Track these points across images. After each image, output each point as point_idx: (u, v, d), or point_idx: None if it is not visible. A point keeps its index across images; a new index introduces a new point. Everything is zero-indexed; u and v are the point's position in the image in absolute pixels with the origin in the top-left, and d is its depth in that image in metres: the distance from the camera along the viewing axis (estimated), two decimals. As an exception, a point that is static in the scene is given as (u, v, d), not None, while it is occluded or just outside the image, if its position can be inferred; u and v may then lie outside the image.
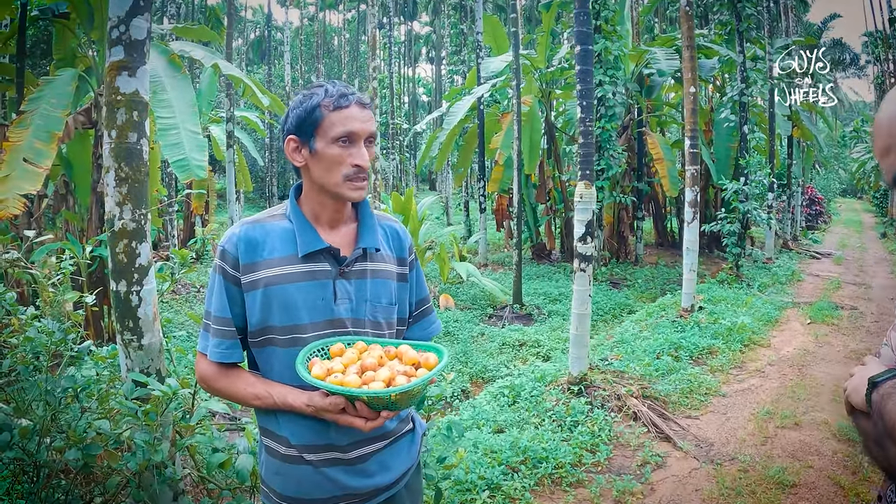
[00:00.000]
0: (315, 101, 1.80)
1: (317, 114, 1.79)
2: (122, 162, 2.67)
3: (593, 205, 6.10)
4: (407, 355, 1.78)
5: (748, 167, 13.00)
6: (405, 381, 1.67)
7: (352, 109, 1.80)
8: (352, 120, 1.79)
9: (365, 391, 1.63)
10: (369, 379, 1.68)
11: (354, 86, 34.51)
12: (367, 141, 1.84)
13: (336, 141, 1.79)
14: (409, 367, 1.74)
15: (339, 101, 1.79)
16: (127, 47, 2.67)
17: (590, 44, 6.16)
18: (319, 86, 1.85)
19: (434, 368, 1.73)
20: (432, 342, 1.92)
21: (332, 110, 1.79)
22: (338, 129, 1.78)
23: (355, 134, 1.80)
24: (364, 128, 1.81)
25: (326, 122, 1.79)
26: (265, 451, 1.93)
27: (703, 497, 4.47)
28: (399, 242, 2.02)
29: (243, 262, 1.82)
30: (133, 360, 2.73)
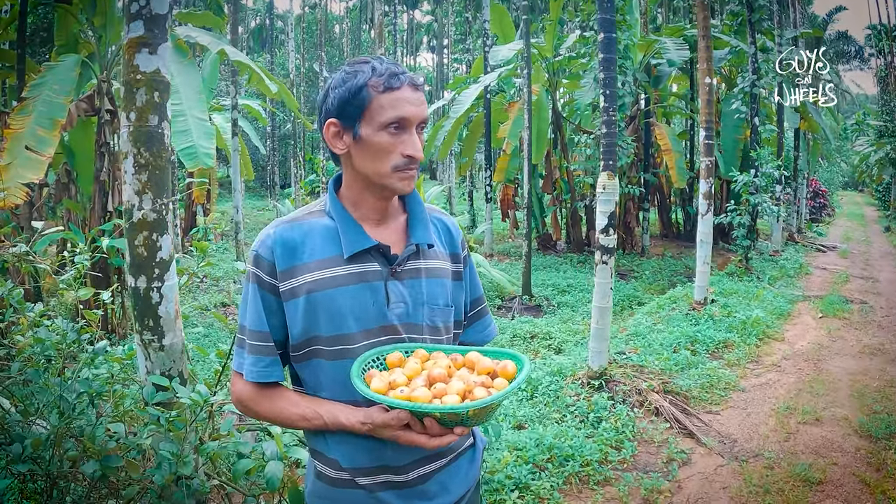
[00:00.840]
0: (361, 80, 1.56)
1: (363, 95, 1.56)
2: (141, 147, 2.45)
3: (616, 196, 5.93)
4: (480, 364, 1.57)
5: (759, 159, 12.83)
6: (484, 393, 1.45)
7: (403, 91, 1.57)
8: (403, 103, 1.57)
9: (440, 406, 1.41)
10: (441, 392, 1.47)
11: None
12: (418, 127, 1.62)
13: (385, 127, 1.56)
14: (484, 377, 1.53)
15: (389, 80, 1.56)
16: (147, 22, 2.45)
17: (613, 31, 5.96)
18: (365, 62, 1.61)
19: (515, 378, 1.53)
20: (507, 349, 1.69)
21: (381, 91, 1.55)
22: (388, 114, 1.56)
23: (407, 119, 1.57)
24: (417, 112, 1.59)
25: (375, 105, 1.56)
26: (314, 473, 1.73)
27: (732, 495, 4.37)
28: (451, 237, 1.81)
29: (281, 267, 1.60)
30: (154, 361, 2.52)
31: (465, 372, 1.57)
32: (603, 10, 5.96)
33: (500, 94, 17.77)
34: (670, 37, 15.41)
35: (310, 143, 30.75)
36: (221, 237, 17.54)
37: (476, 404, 1.39)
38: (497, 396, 1.43)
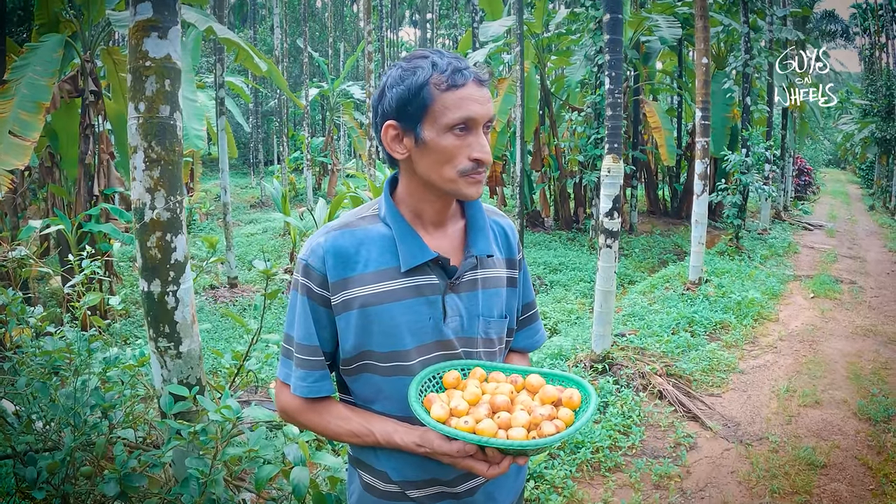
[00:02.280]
0: (422, 77, 1.43)
1: (425, 94, 1.43)
2: (152, 140, 2.28)
3: (621, 179, 5.84)
4: (545, 392, 1.48)
5: (750, 139, 12.80)
6: (553, 429, 1.36)
7: (469, 88, 1.44)
8: (469, 102, 1.43)
9: (508, 442, 1.32)
10: (505, 423, 1.38)
11: (340, 50, 33.96)
12: (485, 127, 1.49)
13: (451, 129, 1.44)
14: (549, 407, 1.43)
15: (453, 77, 1.42)
16: (156, 4, 2.26)
17: (620, 12, 5.79)
18: (424, 57, 1.47)
19: (585, 411, 1.43)
20: (570, 374, 1.60)
21: (444, 90, 1.42)
22: (453, 115, 1.43)
23: (474, 120, 1.45)
24: (484, 111, 1.46)
25: (438, 106, 1.43)
26: (360, 486, 1.65)
27: (740, 479, 4.39)
28: (508, 242, 1.71)
29: (333, 279, 1.50)
30: (170, 369, 2.38)
31: (527, 397, 1.49)
32: (610, -11, 5.81)
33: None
34: (662, 14, 15.26)
35: (292, 119, 30.43)
36: (206, 217, 17.32)
37: (545, 442, 1.31)
38: (565, 434, 1.34)
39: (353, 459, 1.68)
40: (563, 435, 1.34)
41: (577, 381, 1.52)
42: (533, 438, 1.35)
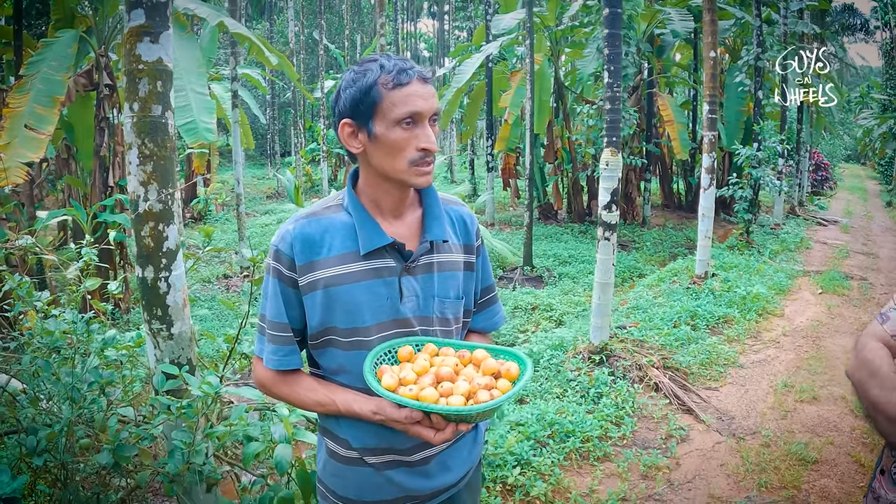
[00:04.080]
0: (371, 78, 1.60)
1: (374, 93, 1.60)
2: (145, 137, 2.45)
3: (619, 172, 5.93)
4: (486, 364, 1.64)
5: (762, 133, 12.79)
6: (487, 396, 1.53)
7: (413, 86, 1.60)
8: (414, 98, 1.60)
9: (445, 408, 1.49)
10: (447, 391, 1.55)
11: (357, 42, 34.11)
12: (431, 119, 1.65)
13: (399, 123, 1.60)
14: (488, 378, 1.59)
15: (398, 77, 1.59)
16: (148, 10, 2.42)
17: (619, 6, 5.90)
18: (373, 60, 1.65)
19: (518, 382, 1.60)
20: (513, 349, 1.76)
21: (391, 88, 1.59)
22: (400, 110, 1.59)
23: (420, 113, 1.61)
24: (428, 105, 1.62)
25: (386, 103, 1.60)
26: (325, 452, 1.83)
27: (728, 472, 4.46)
28: (466, 228, 1.86)
29: (300, 262, 1.66)
30: (163, 350, 2.56)
31: (472, 370, 1.64)
32: (608, -16, 5.89)
33: (501, 62, 17.64)
34: (675, 7, 15.25)
35: (309, 111, 30.63)
36: (223, 207, 17.54)
37: (478, 408, 1.47)
38: (498, 401, 1.50)
39: (320, 428, 1.84)
40: (495, 402, 1.49)
41: (517, 355, 1.68)
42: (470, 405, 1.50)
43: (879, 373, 1.48)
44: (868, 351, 1.56)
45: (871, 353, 1.54)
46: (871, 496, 1.63)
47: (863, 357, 1.57)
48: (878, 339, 1.60)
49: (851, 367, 1.58)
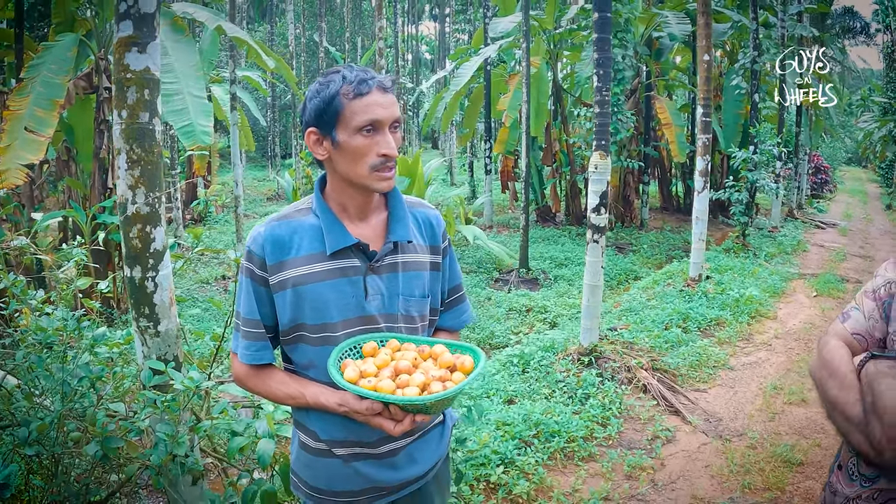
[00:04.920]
0: (333, 89, 1.70)
1: (336, 103, 1.69)
2: (133, 143, 2.55)
3: (608, 175, 6.00)
4: (442, 358, 1.74)
5: (758, 136, 12.87)
6: (440, 387, 1.63)
7: (373, 95, 1.70)
8: (374, 107, 1.69)
9: (399, 398, 1.59)
10: (404, 383, 1.65)
11: (357, 44, 34.21)
12: (391, 127, 1.74)
13: (359, 131, 1.69)
14: (444, 371, 1.69)
15: (358, 87, 1.69)
16: (136, 22, 2.52)
17: (608, 11, 5.97)
18: (336, 72, 1.74)
19: (470, 375, 1.69)
20: (468, 343, 1.85)
21: (352, 98, 1.69)
22: (360, 118, 1.68)
23: (379, 121, 1.70)
24: (388, 114, 1.72)
25: (347, 112, 1.69)
26: (297, 443, 1.92)
27: (713, 473, 4.50)
28: (432, 230, 1.95)
29: (270, 262, 1.76)
30: (150, 347, 2.66)
31: (430, 363, 1.73)
32: (599, -11, 5.97)
33: (500, 65, 17.72)
34: (672, 10, 15.33)
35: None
36: (223, 209, 17.64)
37: (431, 398, 1.57)
38: (451, 392, 1.59)
39: (294, 421, 1.94)
40: (446, 393, 1.58)
41: (472, 349, 1.78)
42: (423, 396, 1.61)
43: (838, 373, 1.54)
44: (828, 350, 1.62)
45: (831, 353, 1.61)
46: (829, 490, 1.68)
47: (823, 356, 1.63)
48: (839, 338, 1.66)
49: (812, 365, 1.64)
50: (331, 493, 1.86)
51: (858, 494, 1.53)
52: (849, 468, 1.59)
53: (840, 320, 1.70)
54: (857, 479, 1.55)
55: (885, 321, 1.61)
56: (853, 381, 1.50)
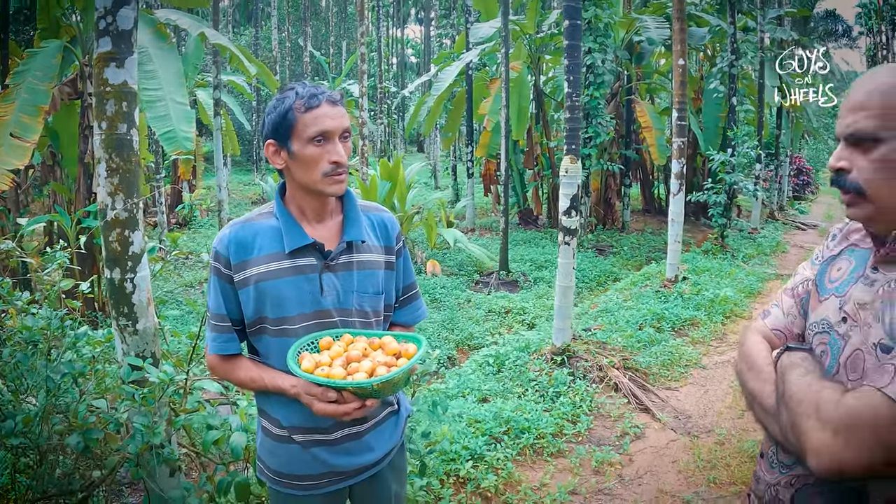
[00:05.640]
0: (287, 104, 1.87)
1: (290, 117, 1.86)
2: (112, 153, 2.71)
3: (578, 179, 6.17)
4: (388, 346, 1.91)
5: (735, 139, 13.08)
6: (385, 371, 1.80)
7: (323, 108, 1.87)
8: (324, 119, 1.86)
9: (348, 382, 1.75)
10: (354, 370, 1.81)
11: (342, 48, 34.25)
12: (341, 137, 1.91)
13: (311, 141, 1.86)
14: (390, 357, 1.87)
15: (309, 101, 1.86)
16: (115, 38, 2.68)
17: (578, 18, 6.16)
18: (290, 88, 1.92)
19: (412, 358, 1.86)
20: (413, 332, 2.05)
21: (303, 112, 1.85)
22: (311, 130, 1.85)
23: (329, 132, 1.87)
24: (337, 125, 1.88)
25: (300, 124, 1.86)
26: (261, 431, 2.08)
27: (680, 468, 4.63)
28: (386, 231, 2.11)
29: (234, 261, 1.92)
30: (129, 344, 2.81)
31: (380, 353, 1.90)
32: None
33: (482, 69, 17.88)
34: (652, 15, 15.54)
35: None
36: (207, 212, 17.69)
37: (378, 380, 1.74)
38: (395, 373, 1.77)
39: (258, 409, 2.10)
40: (390, 375, 1.76)
41: (415, 337, 1.96)
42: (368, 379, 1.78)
43: (755, 366, 1.64)
44: (748, 346, 1.72)
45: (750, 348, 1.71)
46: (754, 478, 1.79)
47: (743, 351, 1.74)
48: (759, 334, 1.76)
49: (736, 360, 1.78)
50: (293, 478, 2.01)
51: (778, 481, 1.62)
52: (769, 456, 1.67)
53: (761, 317, 1.81)
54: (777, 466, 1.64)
55: (803, 316, 1.71)
56: (770, 374, 1.60)
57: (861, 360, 1.42)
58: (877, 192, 1.40)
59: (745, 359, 1.69)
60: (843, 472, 1.30)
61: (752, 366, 1.65)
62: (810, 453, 1.34)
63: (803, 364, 1.50)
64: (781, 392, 1.49)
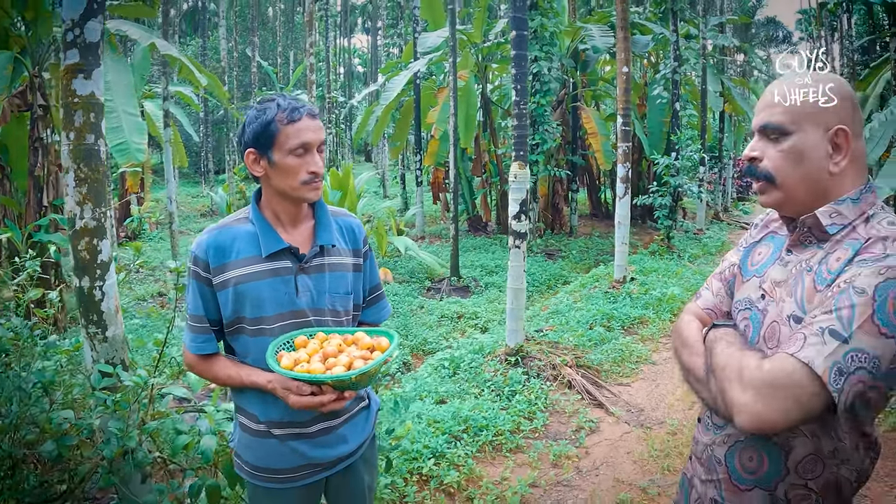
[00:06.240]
0: (269, 115, 1.97)
1: (272, 128, 1.96)
2: (80, 163, 2.77)
3: (527, 184, 6.33)
4: (362, 341, 2.02)
5: (679, 143, 13.45)
6: (362, 363, 1.91)
7: (304, 121, 1.98)
8: (305, 131, 1.97)
9: (329, 376, 1.86)
10: (332, 365, 1.91)
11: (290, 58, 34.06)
12: (318, 148, 2.03)
13: (292, 152, 1.97)
14: (365, 351, 1.98)
15: (291, 114, 1.96)
16: (82, 50, 2.75)
17: (525, 29, 6.33)
18: (271, 100, 2.02)
19: (387, 350, 1.98)
20: (383, 327, 2.17)
21: (285, 124, 1.96)
22: (293, 142, 1.96)
23: (309, 144, 1.98)
24: (316, 137, 2.00)
25: (282, 136, 1.96)
26: (238, 427, 2.17)
27: (635, 459, 4.80)
28: (354, 236, 2.23)
29: (213, 265, 2.01)
30: (98, 351, 2.87)
31: (354, 348, 2.01)
32: (516, 8, 6.30)
33: (430, 78, 18.02)
34: (597, 24, 15.87)
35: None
36: (157, 225, 17.46)
37: (356, 372, 1.86)
38: (372, 364, 1.89)
39: (235, 406, 2.20)
40: (367, 367, 1.87)
41: (386, 332, 2.08)
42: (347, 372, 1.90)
43: (688, 342, 1.83)
44: (682, 324, 1.92)
45: (683, 326, 1.90)
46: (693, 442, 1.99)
47: (677, 330, 1.93)
48: (691, 314, 1.95)
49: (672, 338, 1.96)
50: (271, 471, 2.11)
51: (713, 441, 1.81)
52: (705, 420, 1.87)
53: (694, 300, 2.02)
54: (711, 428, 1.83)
55: (730, 296, 1.90)
56: (700, 349, 1.78)
57: (777, 331, 1.63)
58: (784, 178, 1.64)
59: (679, 336, 1.89)
60: (763, 427, 1.49)
61: (685, 342, 1.84)
62: (735, 413, 1.53)
63: (727, 337, 1.70)
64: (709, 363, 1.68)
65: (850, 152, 1.62)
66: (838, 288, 1.50)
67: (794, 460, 1.65)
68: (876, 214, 1.61)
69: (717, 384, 1.63)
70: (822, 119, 1.61)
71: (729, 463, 1.77)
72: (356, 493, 2.27)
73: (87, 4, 2.76)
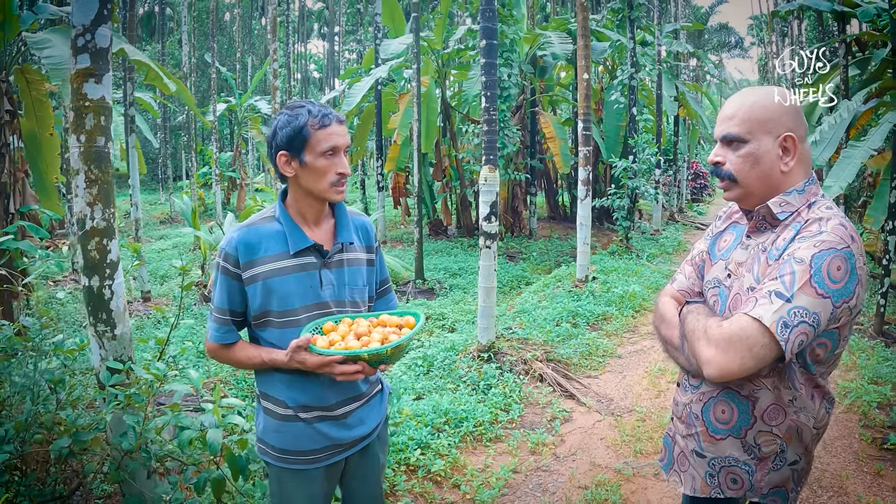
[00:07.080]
0: (302, 121, 2.14)
1: (305, 132, 2.14)
2: (91, 165, 2.88)
3: (497, 187, 6.51)
4: (390, 320, 2.21)
5: (636, 146, 13.79)
6: (396, 339, 2.10)
7: (333, 126, 2.17)
8: (335, 136, 2.17)
9: (368, 349, 2.02)
10: (366, 343, 2.09)
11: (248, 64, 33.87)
12: (345, 151, 2.21)
13: (323, 154, 2.15)
14: (394, 328, 2.17)
15: (322, 120, 2.15)
16: (93, 55, 2.86)
17: (495, 38, 6.51)
18: (300, 106, 2.20)
19: (416, 325, 2.17)
20: (409, 309, 2.37)
21: (317, 129, 2.14)
22: (324, 145, 2.14)
23: (338, 147, 2.18)
24: (344, 141, 2.20)
25: (314, 139, 2.14)
26: (263, 413, 2.33)
27: (608, 444, 5.07)
28: (367, 234, 2.43)
29: (243, 261, 2.18)
30: (107, 349, 2.97)
31: (380, 328, 2.19)
32: (486, 18, 6.48)
33: (390, 84, 18.13)
34: (556, 30, 16.17)
35: (200, 134, 30.22)
36: (119, 233, 17.16)
37: (393, 344, 2.04)
38: (403, 338, 2.08)
39: (259, 394, 2.35)
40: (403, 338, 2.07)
41: (411, 311, 2.28)
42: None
43: (666, 318, 2.16)
44: (660, 304, 2.24)
45: (662, 306, 2.22)
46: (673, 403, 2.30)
47: (656, 309, 2.26)
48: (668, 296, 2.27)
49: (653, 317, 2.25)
50: (298, 453, 2.28)
51: (690, 399, 2.14)
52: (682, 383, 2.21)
53: (670, 283, 2.34)
54: (689, 388, 2.16)
55: (700, 279, 2.24)
56: (676, 322, 2.10)
57: (740, 301, 1.96)
58: (744, 178, 1.98)
59: (659, 314, 2.22)
60: (725, 376, 1.81)
61: (663, 318, 2.18)
62: (703, 366, 1.84)
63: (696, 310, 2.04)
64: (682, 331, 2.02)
65: (798, 154, 1.96)
66: (783, 260, 1.83)
67: (760, 409, 1.97)
68: (817, 202, 1.95)
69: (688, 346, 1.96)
70: (772, 128, 1.94)
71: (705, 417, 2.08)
72: (373, 470, 2.48)
73: (98, 11, 2.87)
